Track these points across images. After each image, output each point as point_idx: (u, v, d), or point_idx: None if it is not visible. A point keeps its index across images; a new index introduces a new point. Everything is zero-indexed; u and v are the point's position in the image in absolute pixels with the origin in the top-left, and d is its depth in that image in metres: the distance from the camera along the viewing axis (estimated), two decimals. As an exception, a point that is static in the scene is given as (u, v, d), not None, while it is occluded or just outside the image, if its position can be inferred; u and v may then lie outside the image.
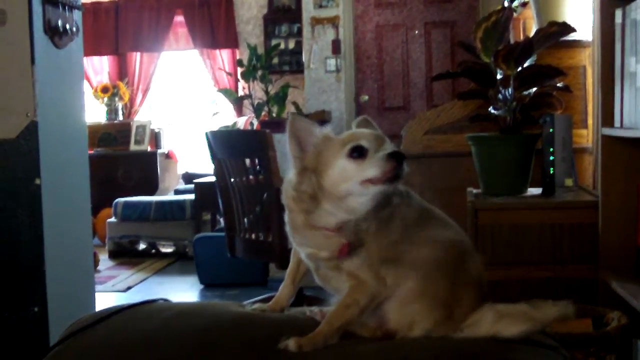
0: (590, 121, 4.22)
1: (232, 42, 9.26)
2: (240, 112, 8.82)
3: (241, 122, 8.32)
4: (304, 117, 1.38)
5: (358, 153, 1.31)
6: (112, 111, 9.64)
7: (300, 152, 1.37)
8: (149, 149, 9.38)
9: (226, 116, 9.01)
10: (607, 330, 2.33)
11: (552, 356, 1.29)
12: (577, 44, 4.03)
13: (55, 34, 3.45)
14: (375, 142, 1.33)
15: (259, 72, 7.03)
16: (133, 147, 9.33)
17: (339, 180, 1.32)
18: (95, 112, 9.58)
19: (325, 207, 1.33)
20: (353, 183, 1.31)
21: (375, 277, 1.34)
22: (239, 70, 7.72)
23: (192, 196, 7.83)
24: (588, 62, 4.24)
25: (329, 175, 1.32)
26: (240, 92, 8.46)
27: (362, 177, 1.30)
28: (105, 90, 9.56)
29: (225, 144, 4.31)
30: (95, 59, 9.82)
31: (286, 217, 1.40)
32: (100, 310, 1.50)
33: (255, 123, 7.46)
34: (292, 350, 1.25)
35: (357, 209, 1.33)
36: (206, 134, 4.38)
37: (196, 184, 7.75)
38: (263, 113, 7.21)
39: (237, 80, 8.91)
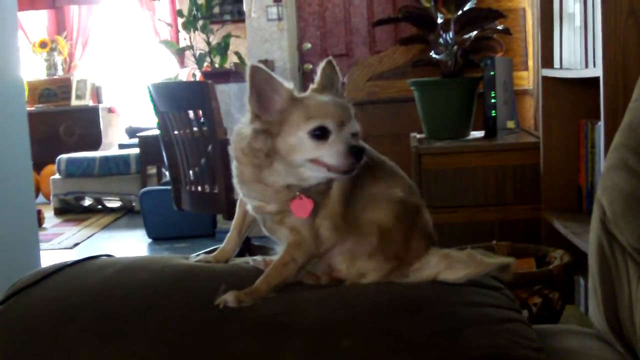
0: (530, 63, 4.26)
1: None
2: (182, 63, 8.72)
3: (183, 74, 8.22)
4: (266, 69, 1.30)
5: (320, 133, 1.27)
6: (51, 66, 9.45)
7: (260, 109, 1.29)
8: (90, 103, 9.24)
9: (168, 68, 8.89)
10: (550, 269, 2.37)
11: (496, 296, 1.31)
12: (516, -14, 4.05)
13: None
14: (340, 121, 1.29)
15: (200, 22, 6.94)
16: (74, 102, 9.19)
17: (294, 152, 1.28)
18: (34, 68, 9.38)
19: (277, 168, 1.31)
20: (308, 160, 1.29)
21: (314, 236, 1.33)
22: (180, 20, 7.61)
23: (136, 150, 7.77)
24: (527, 4, 4.26)
25: (286, 142, 1.28)
26: (182, 44, 8.34)
27: (318, 159, 1.28)
28: (43, 45, 9.35)
29: (167, 96, 4.26)
30: (32, 13, 9.58)
31: (234, 169, 1.38)
32: (42, 269, 1.48)
33: (198, 74, 7.39)
34: (232, 306, 1.25)
35: (308, 180, 1.31)
36: (148, 87, 4.32)
37: (140, 137, 7.68)
38: (205, 64, 7.14)
39: (177, 32, 8.79)
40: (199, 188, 4.24)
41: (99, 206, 8.05)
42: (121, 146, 8.69)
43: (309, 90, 1.38)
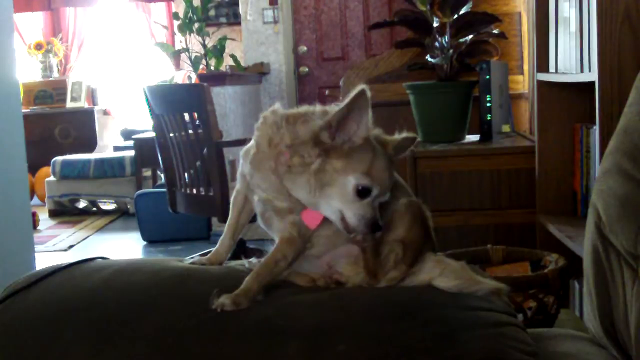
0: (526, 67, 4.27)
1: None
2: (177, 66, 8.71)
3: (179, 77, 8.21)
4: (369, 99, 1.25)
5: (362, 191, 1.26)
6: (46, 68, 9.44)
7: (339, 126, 1.26)
8: (86, 105, 9.23)
9: (163, 70, 8.89)
10: (545, 273, 2.37)
11: (491, 300, 1.31)
12: (512, -10, 4.05)
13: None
14: (383, 193, 1.28)
15: (196, 25, 6.94)
16: (70, 104, 9.18)
17: (328, 183, 1.26)
18: (29, 70, 9.37)
19: (297, 180, 1.28)
20: (333, 202, 1.27)
21: (308, 235, 1.33)
22: (175, 23, 7.61)
23: (131, 152, 7.76)
24: (523, 8, 4.27)
25: (331, 168, 1.26)
26: (177, 46, 8.34)
27: (342, 208, 1.27)
28: (39, 47, 9.34)
29: (163, 98, 4.26)
30: (28, 15, 9.57)
31: (246, 152, 1.35)
32: (37, 271, 1.47)
33: (193, 77, 7.38)
34: (229, 309, 1.24)
35: (317, 209, 1.31)
36: (144, 89, 4.32)
37: (135, 140, 7.67)
38: (201, 67, 7.13)
39: (173, 34, 8.78)
40: (194, 191, 4.24)
41: (94, 208, 8.04)
42: (116, 148, 8.68)
43: (386, 136, 1.36)
